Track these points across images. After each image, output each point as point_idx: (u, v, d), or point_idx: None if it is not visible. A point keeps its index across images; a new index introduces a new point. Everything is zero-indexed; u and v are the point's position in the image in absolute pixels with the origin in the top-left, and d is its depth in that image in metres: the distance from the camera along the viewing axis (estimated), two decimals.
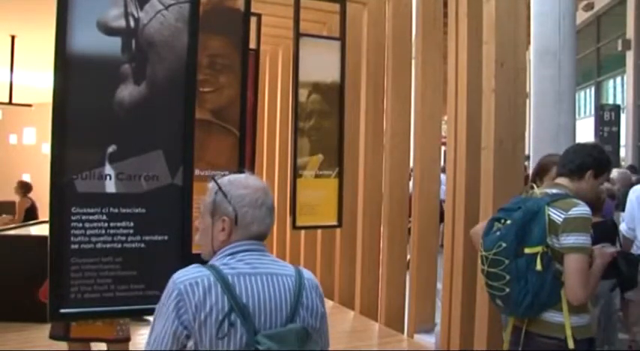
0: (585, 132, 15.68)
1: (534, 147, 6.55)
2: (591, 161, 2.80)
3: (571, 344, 2.59)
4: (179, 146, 2.99)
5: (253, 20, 5.31)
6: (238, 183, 1.80)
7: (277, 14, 6.27)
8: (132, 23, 2.91)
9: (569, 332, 2.60)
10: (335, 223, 5.74)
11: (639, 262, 3.40)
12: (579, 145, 3.06)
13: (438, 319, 5.31)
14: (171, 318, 1.60)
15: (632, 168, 9.13)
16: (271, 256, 1.81)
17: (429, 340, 5.39)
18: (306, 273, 1.82)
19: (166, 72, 3.02)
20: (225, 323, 1.60)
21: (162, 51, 3.00)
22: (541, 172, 3.48)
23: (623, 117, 15.13)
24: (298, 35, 5.56)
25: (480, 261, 2.81)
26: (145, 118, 2.92)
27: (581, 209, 2.58)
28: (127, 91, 2.87)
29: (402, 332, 5.76)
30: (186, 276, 1.65)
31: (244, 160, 4.03)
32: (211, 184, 1.83)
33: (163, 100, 2.97)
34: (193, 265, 1.71)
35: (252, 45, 5.44)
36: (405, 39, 6.05)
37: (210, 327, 1.59)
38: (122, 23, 2.87)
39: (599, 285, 2.88)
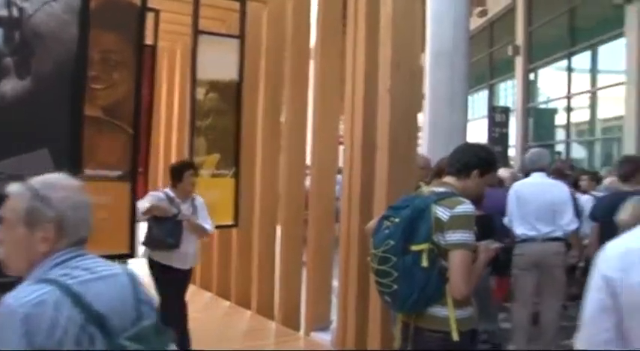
0: (479, 132, 16.34)
1: (429, 146, 6.79)
2: (477, 161, 2.92)
3: (456, 336, 2.69)
4: (67, 144, 2.88)
5: (151, 16, 5.19)
6: (56, 184, 1.62)
7: (176, 10, 6.14)
8: (15, 13, 2.78)
9: (454, 325, 2.70)
10: (232, 222, 5.71)
11: (512, 249, 4.10)
12: (466, 144, 3.19)
13: (334, 317, 5.38)
14: None
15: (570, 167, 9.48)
16: (97, 257, 1.68)
17: (325, 337, 5.45)
18: (131, 268, 1.77)
19: (53, 66, 2.90)
20: (83, 338, 1.47)
21: (49, 43, 2.88)
22: (440, 173, 3.60)
23: (512, 119, 15.91)
24: (197, 32, 5.50)
25: (370, 259, 2.87)
26: (30, 114, 2.80)
27: (466, 207, 2.70)
28: (9, 86, 2.74)
29: (299, 331, 5.80)
30: (25, 298, 1.43)
31: (138, 160, 3.94)
32: (20, 189, 1.60)
33: (50, 95, 2.86)
34: (26, 283, 1.50)
35: (150, 41, 5.33)
36: (304, 39, 6.09)
37: (68, 346, 1.44)
38: (4, 13, 2.74)
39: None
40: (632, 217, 3.76)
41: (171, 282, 4.58)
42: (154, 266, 4.64)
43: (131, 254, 3.90)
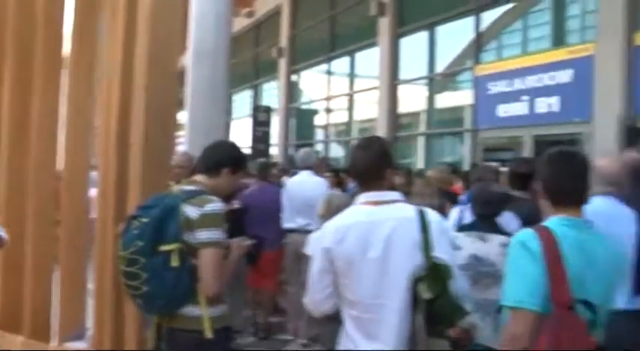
0: (243, 131, 16.65)
1: (189, 145, 6.71)
2: (228, 159, 2.94)
3: (209, 334, 2.69)
4: None
5: None
6: None
7: None
8: None
9: (207, 324, 2.69)
10: None
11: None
12: (217, 143, 3.21)
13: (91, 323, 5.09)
14: None
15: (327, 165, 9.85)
16: None
17: (79, 346, 5.13)
18: None
19: None
20: None
21: None
22: (195, 171, 3.58)
23: (275, 118, 16.44)
24: None
25: (119, 261, 2.75)
26: None
27: (215, 205, 2.70)
28: None
29: (51, 341, 5.38)
30: None
31: None
32: None
33: None
34: None
35: None
36: (58, 31, 5.66)
37: None
38: None
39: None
40: (327, 211, 4.42)
41: None
42: None
43: None
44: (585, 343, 2.01)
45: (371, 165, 2.41)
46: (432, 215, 2.40)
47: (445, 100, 12.40)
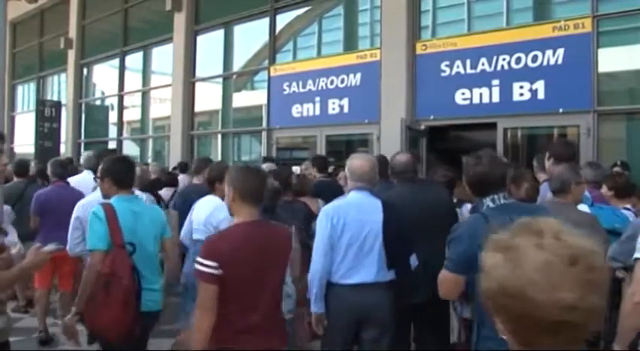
0: (27, 127, 15.42)
1: None
2: None
3: None
4: None
5: None
6: None
7: None
8: None
9: None
10: None
11: None
12: None
13: None
14: None
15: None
16: None
17: None
18: None
19: None
20: None
21: None
22: None
23: (64, 114, 15.40)
24: None
25: None
26: None
27: None
28: None
29: None
30: None
31: None
32: None
33: None
34: None
35: None
36: None
37: None
38: None
39: None
40: None
41: None
42: None
43: None
44: (127, 266, 3.36)
45: None
46: None
47: (241, 99, 12.45)
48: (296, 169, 7.33)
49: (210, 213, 4.53)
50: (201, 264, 2.70)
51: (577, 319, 1.17)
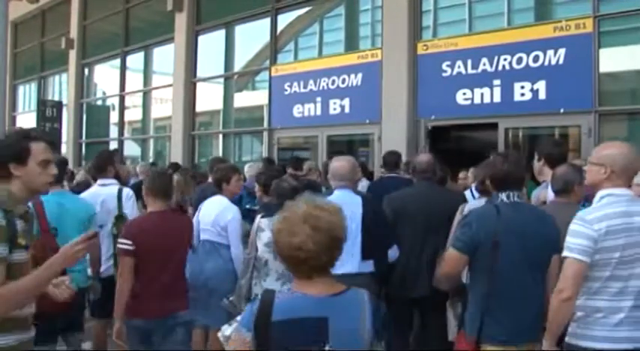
0: (29, 126, 15.38)
1: None
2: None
3: None
4: None
5: None
6: None
7: None
8: None
9: None
10: None
11: None
12: None
13: None
14: None
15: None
16: None
17: None
18: None
19: None
20: None
21: None
22: None
23: (65, 114, 15.39)
24: None
25: None
26: None
27: None
28: None
29: None
30: None
31: None
32: None
33: None
34: None
35: None
36: None
37: None
38: None
39: None
40: None
41: None
42: None
43: None
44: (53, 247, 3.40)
45: None
46: None
47: (242, 99, 12.44)
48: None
49: (218, 213, 4.65)
50: (121, 243, 3.76)
51: (301, 256, 1.96)
